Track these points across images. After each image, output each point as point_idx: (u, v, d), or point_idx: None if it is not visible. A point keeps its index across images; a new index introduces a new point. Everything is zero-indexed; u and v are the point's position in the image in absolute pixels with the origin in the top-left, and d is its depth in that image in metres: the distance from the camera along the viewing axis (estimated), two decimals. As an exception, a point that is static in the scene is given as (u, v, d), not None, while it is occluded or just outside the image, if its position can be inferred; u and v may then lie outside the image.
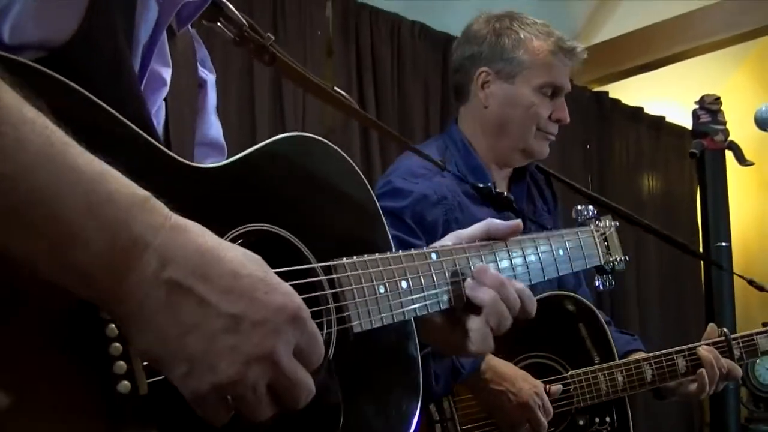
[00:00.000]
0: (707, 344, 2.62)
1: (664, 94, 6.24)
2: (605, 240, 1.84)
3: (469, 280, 1.34)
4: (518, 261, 1.48)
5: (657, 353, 2.57)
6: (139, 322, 0.87)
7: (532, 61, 2.54)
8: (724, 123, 4.80)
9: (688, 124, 5.59)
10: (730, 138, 4.82)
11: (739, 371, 2.65)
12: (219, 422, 0.92)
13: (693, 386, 2.57)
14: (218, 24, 1.37)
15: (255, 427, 0.95)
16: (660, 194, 6.29)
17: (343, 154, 1.27)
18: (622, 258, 1.88)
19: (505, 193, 2.48)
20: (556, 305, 2.45)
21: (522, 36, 2.56)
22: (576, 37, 5.81)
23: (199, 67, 1.37)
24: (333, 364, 1.08)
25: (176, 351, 0.87)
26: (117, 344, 0.90)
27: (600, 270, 1.87)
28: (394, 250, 1.29)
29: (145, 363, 0.92)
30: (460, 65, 2.68)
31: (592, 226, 1.83)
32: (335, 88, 1.58)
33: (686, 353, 2.57)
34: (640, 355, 2.63)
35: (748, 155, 4.75)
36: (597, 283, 1.91)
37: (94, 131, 0.89)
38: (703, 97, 4.76)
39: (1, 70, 0.83)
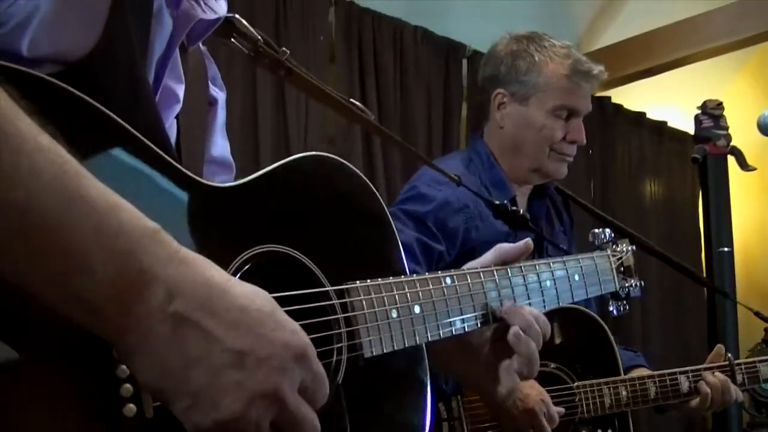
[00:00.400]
0: (711, 367, 2.66)
1: (666, 99, 6.24)
2: (621, 265, 1.83)
3: (516, 328, 1.34)
4: (533, 286, 1.47)
5: (662, 372, 2.62)
6: (144, 354, 0.86)
7: (546, 84, 2.60)
8: (727, 128, 4.80)
9: (689, 129, 5.59)
10: (732, 143, 4.83)
11: (741, 396, 2.69)
12: None
13: (695, 402, 2.62)
14: (232, 40, 1.37)
15: None
16: (662, 199, 6.29)
17: (362, 176, 1.27)
18: (638, 283, 1.87)
19: (522, 210, 2.48)
20: (566, 317, 2.46)
21: (537, 59, 2.62)
22: (578, 42, 5.82)
23: (210, 85, 1.36)
24: (341, 389, 1.08)
25: (180, 385, 0.87)
26: (124, 366, 0.89)
27: (615, 295, 1.85)
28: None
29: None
30: (481, 85, 2.80)
31: (609, 251, 1.81)
32: (352, 100, 1.58)
33: (690, 375, 2.62)
34: (644, 371, 2.68)
35: (750, 160, 4.76)
36: (611, 308, 1.89)
37: (111, 149, 0.88)
38: (705, 102, 4.77)
39: (16, 94, 0.82)
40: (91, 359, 0.88)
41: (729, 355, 2.72)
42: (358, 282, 1.17)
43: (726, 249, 4.83)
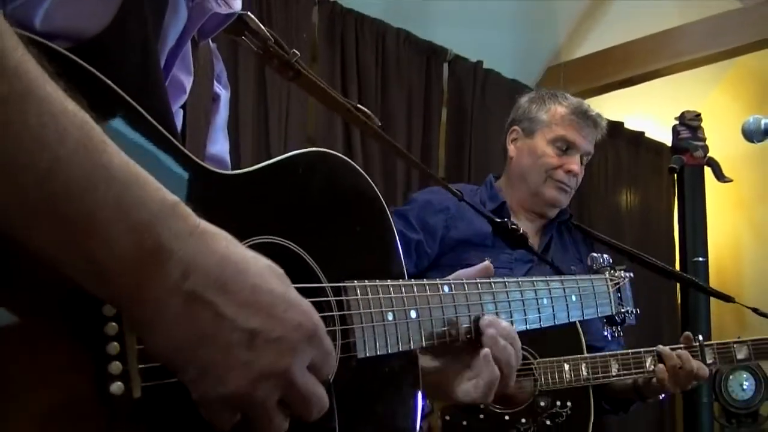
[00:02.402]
0: (679, 347, 2.77)
1: (644, 110, 6.28)
2: (618, 290, 1.84)
3: (491, 330, 1.33)
4: (530, 302, 1.48)
5: (626, 351, 2.77)
6: (155, 328, 0.86)
7: (550, 119, 3.04)
8: (704, 139, 4.84)
9: (666, 140, 5.64)
10: (709, 155, 4.86)
11: (706, 371, 2.75)
12: (221, 427, 0.92)
13: (659, 375, 2.72)
14: (243, 38, 1.37)
15: None
16: (638, 209, 6.32)
17: (365, 174, 1.26)
18: (633, 311, 1.89)
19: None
20: None
21: (547, 103, 3.08)
22: (558, 51, 5.85)
23: (215, 82, 1.36)
24: (332, 388, 1.07)
25: (189, 359, 0.87)
26: (115, 344, 0.88)
27: (610, 321, 1.87)
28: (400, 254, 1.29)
29: (141, 366, 0.90)
30: (505, 129, 3.24)
31: (607, 275, 1.83)
32: (359, 106, 1.57)
33: (654, 353, 2.74)
34: None
35: (726, 172, 4.80)
36: (605, 333, 1.92)
37: (120, 126, 0.88)
38: (683, 113, 4.81)
39: (44, 60, 0.82)
40: (80, 332, 0.87)
41: (699, 336, 2.81)
42: (356, 281, 1.17)
43: (701, 259, 4.86)
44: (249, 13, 1.37)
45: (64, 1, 0.94)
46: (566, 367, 2.64)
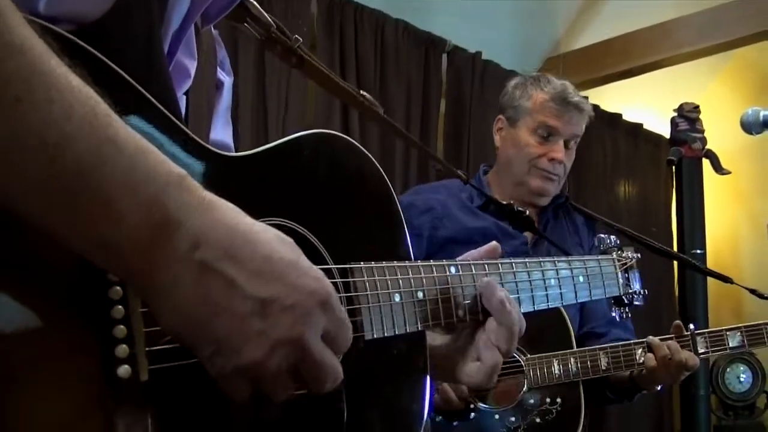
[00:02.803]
0: (670, 337, 2.74)
1: (643, 102, 6.27)
2: (626, 271, 1.83)
3: (501, 296, 1.30)
4: (537, 282, 1.47)
5: (615, 344, 2.73)
6: (168, 301, 0.86)
7: (531, 107, 2.98)
8: (702, 131, 4.85)
9: (665, 132, 5.64)
10: (708, 147, 4.87)
11: (696, 361, 2.73)
12: (239, 400, 0.91)
13: (649, 366, 2.69)
14: (245, 24, 1.36)
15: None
16: (636, 200, 6.32)
17: (371, 157, 1.25)
18: (641, 291, 1.88)
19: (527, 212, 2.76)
20: None
21: (529, 90, 3.02)
22: (557, 42, 5.84)
23: (218, 69, 1.36)
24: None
25: (203, 332, 0.87)
26: (122, 327, 0.88)
27: (618, 302, 1.86)
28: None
29: (148, 349, 0.90)
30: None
31: (614, 255, 1.82)
32: (362, 92, 1.57)
33: (645, 345, 2.71)
34: None
35: (724, 164, 4.80)
36: (614, 314, 1.90)
37: (125, 108, 0.87)
38: (681, 105, 4.82)
39: (48, 37, 0.81)
40: (86, 315, 0.87)
41: (691, 325, 2.80)
42: (362, 263, 1.16)
43: (699, 251, 4.88)
44: None
45: None
46: (555, 363, 2.63)
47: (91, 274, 0.87)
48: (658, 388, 2.81)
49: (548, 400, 2.66)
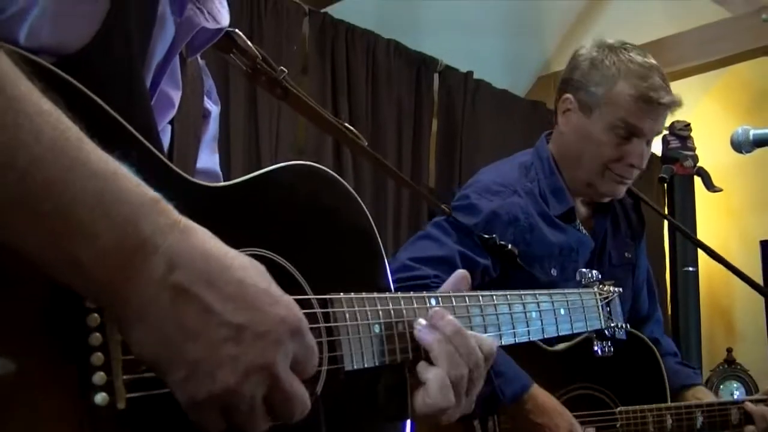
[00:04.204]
0: (755, 398, 2.64)
1: (635, 120, 6.29)
2: (607, 305, 1.81)
3: (421, 320, 1.24)
4: (518, 315, 1.45)
5: (711, 401, 2.57)
6: (141, 325, 0.85)
7: (612, 99, 2.50)
8: (694, 149, 4.86)
9: (656, 149, 5.65)
10: (699, 164, 4.88)
11: None
12: (212, 430, 0.91)
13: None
14: (231, 55, 1.36)
15: None
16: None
17: (350, 188, 1.26)
18: (623, 326, 1.85)
19: (578, 224, 2.58)
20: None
21: (612, 72, 2.52)
22: (548, 61, 5.86)
23: (205, 98, 1.36)
24: (320, 401, 1.06)
25: (177, 356, 0.86)
26: (99, 354, 0.88)
27: (600, 336, 1.84)
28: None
29: (126, 377, 0.89)
30: (559, 86, 2.69)
31: (596, 289, 1.80)
32: (346, 124, 1.57)
33: (741, 409, 2.58)
34: (701, 391, 2.67)
35: (716, 182, 4.81)
36: (596, 348, 1.87)
37: (102, 135, 0.87)
38: (673, 123, 4.82)
39: (20, 63, 0.82)
40: (63, 340, 0.87)
41: None
42: (342, 293, 1.16)
43: (691, 269, 4.88)
44: (237, 30, 1.36)
45: (47, 18, 0.93)
46: (650, 418, 2.41)
47: (68, 301, 0.86)
48: None
49: None
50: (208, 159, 1.36)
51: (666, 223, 5.70)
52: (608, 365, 2.25)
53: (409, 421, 1.27)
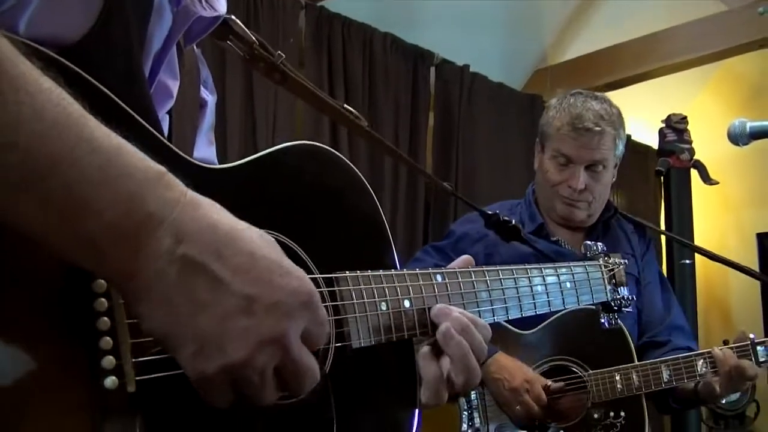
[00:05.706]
0: (726, 347, 2.71)
1: (630, 113, 6.27)
2: (613, 277, 1.83)
3: (447, 325, 1.24)
4: (524, 290, 1.46)
5: (677, 356, 2.71)
6: (150, 299, 0.85)
7: (551, 134, 2.92)
8: (690, 142, 4.85)
9: (653, 143, 5.65)
10: (696, 157, 4.88)
11: (756, 370, 2.70)
12: (222, 405, 0.90)
13: (715, 380, 2.67)
14: (228, 42, 1.36)
15: None
16: (624, 211, 6.32)
17: (354, 168, 1.25)
18: (630, 297, 1.86)
19: (563, 242, 2.93)
20: (580, 315, 2.53)
21: (554, 113, 2.94)
22: (544, 54, 5.86)
23: (201, 88, 1.35)
24: (329, 379, 1.06)
25: (187, 330, 0.85)
26: (107, 338, 0.88)
27: (606, 307, 1.85)
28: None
29: (134, 360, 0.89)
30: None
31: (601, 261, 1.81)
32: (345, 106, 1.57)
33: (706, 356, 2.68)
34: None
35: (712, 175, 4.81)
36: (602, 320, 1.88)
37: (102, 116, 0.87)
38: (669, 116, 4.82)
39: (20, 45, 0.81)
40: (71, 326, 0.87)
41: (751, 334, 2.76)
42: (347, 272, 1.16)
43: (687, 261, 4.88)
44: (233, 17, 1.36)
45: (46, 9, 0.93)
46: (617, 377, 2.61)
47: (76, 286, 0.86)
48: (723, 401, 2.80)
49: (612, 414, 2.63)
50: (206, 150, 1.35)
51: (663, 216, 5.71)
52: (577, 339, 2.64)
53: (418, 397, 1.26)
